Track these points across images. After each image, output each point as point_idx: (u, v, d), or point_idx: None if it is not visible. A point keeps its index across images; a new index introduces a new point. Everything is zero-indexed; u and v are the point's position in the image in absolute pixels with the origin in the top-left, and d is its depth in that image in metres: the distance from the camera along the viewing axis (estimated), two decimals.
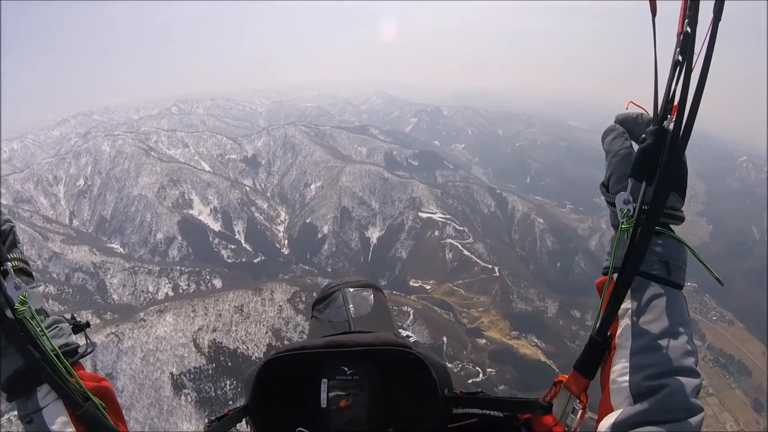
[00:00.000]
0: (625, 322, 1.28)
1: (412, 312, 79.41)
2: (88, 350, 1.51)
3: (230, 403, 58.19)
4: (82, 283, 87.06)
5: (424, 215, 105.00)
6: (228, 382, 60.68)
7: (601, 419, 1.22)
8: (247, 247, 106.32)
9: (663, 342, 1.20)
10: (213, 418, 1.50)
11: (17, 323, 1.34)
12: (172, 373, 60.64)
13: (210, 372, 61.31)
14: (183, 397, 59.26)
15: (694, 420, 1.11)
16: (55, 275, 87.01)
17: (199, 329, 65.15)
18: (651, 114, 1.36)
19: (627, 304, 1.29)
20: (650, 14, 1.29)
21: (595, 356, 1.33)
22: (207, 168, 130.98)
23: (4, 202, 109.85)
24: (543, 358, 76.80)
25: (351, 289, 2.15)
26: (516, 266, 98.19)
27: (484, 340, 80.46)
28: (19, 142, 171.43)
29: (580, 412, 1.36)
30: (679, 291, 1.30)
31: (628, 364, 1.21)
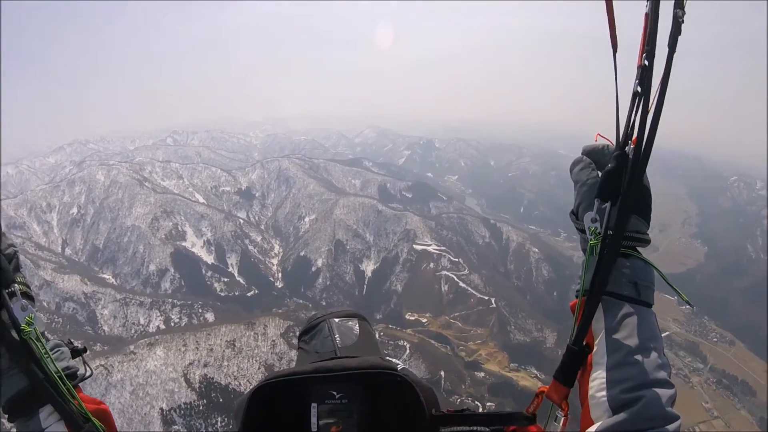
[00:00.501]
0: (600, 340, 1.36)
1: (408, 346, 78.19)
2: (87, 375, 1.59)
3: None
4: (73, 313, 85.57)
5: (418, 247, 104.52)
6: (219, 418, 58.86)
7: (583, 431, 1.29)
8: (241, 280, 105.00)
9: (636, 357, 1.27)
10: None
11: (22, 344, 1.38)
12: (161, 409, 58.99)
13: (201, 408, 59.58)
14: None
15: (671, 427, 1.17)
16: (45, 304, 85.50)
17: (190, 364, 63.70)
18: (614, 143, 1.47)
19: (601, 324, 1.38)
20: (611, 49, 1.39)
21: (573, 365, 1.44)
22: (201, 200, 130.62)
23: None
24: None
25: (336, 320, 2.16)
26: (512, 297, 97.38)
27: (482, 373, 78.96)
28: (14, 168, 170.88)
29: (562, 419, 1.45)
30: (649, 309, 1.38)
31: (605, 379, 1.28)
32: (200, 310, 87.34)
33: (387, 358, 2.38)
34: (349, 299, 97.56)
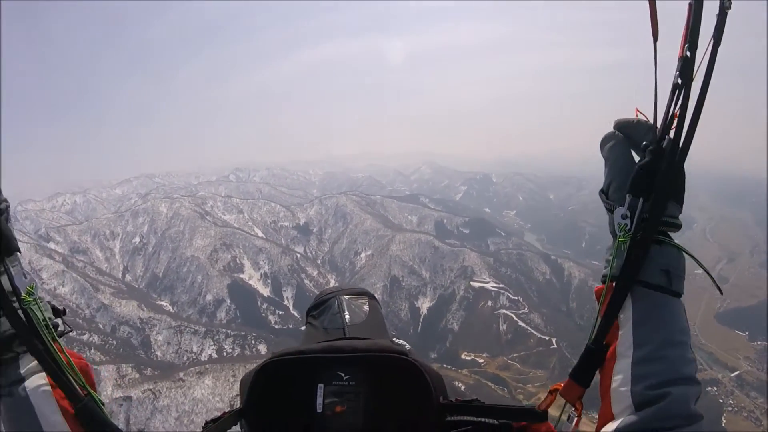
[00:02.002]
0: (626, 331, 1.29)
1: (463, 387, 75.56)
2: (67, 330, 1.52)
3: None
4: (127, 337, 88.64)
5: (476, 284, 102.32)
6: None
7: (601, 426, 1.24)
8: (295, 314, 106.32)
9: (665, 352, 1.21)
10: (209, 420, 1.49)
11: (24, 313, 1.37)
12: None
13: None
14: None
15: (694, 428, 1.13)
16: (101, 326, 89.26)
17: (237, 395, 64.00)
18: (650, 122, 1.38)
19: (628, 313, 1.31)
20: (652, 39, 1.32)
21: (591, 365, 1.37)
22: (260, 234, 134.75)
23: (60, 250, 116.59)
24: None
25: (346, 297, 2.16)
26: (575, 337, 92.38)
27: None
28: (82, 197, 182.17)
29: (575, 419, 1.40)
30: (679, 299, 1.31)
31: (629, 374, 1.22)
32: (253, 342, 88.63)
33: (397, 341, 2.32)
34: (404, 337, 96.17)
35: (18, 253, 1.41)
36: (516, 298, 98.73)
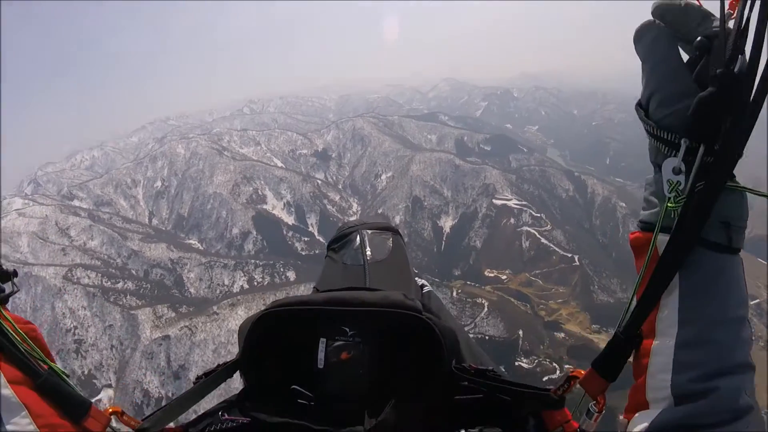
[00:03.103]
0: (670, 302, 1.02)
1: (486, 304, 77.22)
2: (14, 291, 1.25)
3: None
4: (160, 279, 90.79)
5: (498, 202, 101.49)
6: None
7: (632, 409, 1.06)
8: (321, 239, 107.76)
9: (715, 333, 0.96)
10: (201, 374, 1.42)
11: None
12: None
13: None
14: None
15: (740, 424, 0.91)
16: (134, 272, 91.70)
17: None
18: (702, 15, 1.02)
19: (674, 279, 1.03)
20: None
21: (618, 356, 1.14)
22: (279, 164, 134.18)
23: (85, 206, 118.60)
24: None
25: (369, 231, 2.09)
26: (597, 254, 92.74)
27: (562, 334, 76.51)
28: (100, 150, 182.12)
29: (595, 415, 1.17)
30: (737, 257, 1.02)
31: (671, 359, 0.99)
32: (282, 270, 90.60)
33: (419, 280, 2.15)
34: (428, 256, 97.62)
35: None
36: (538, 215, 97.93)
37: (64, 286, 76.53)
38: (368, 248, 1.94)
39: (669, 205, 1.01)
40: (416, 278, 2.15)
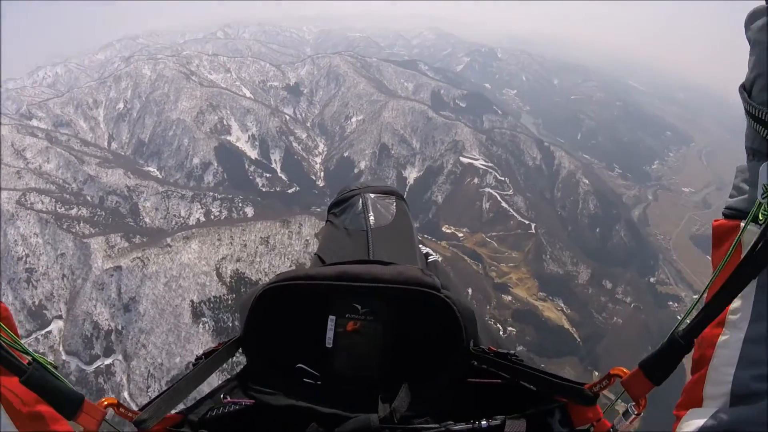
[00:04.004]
0: (745, 293, 0.93)
1: (440, 258, 77.27)
2: None
3: None
4: (116, 206, 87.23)
5: (465, 160, 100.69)
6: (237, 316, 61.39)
7: (685, 406, 1.00)
8: (283, 177, 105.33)
9: None
10: (200, 354, 1.34)
11: None
12: (192, 301, 61.65)
13: (230, 302, 61.72)
14: (201, 326, 60.62)
15: None
16: (89, 198, 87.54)
17: (223, 258, 65.42)
18: None
19: None
20: None
21: (671, 360, 1.05)
22: (248, 94, 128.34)
23: (43, 126, 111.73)
24: (566, 325, 74.59)
25: (372, 195, 2.06)
26: (554, 225, 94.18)
27: (509, 297, 78.46)
28: (63, 67, 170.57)
29: (632, 416, 1.10)
30: None
31: (738, 352, 0.91)
32: (240, 205, 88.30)
33: (423, 248, 2.08)
34: None
35: None
36: (503, 178, 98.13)
37: (17, 211, 72.34)
38: (371, 213, 1.89)
39: (764, 211, 0.91)
40: (420, 245, 2.07)
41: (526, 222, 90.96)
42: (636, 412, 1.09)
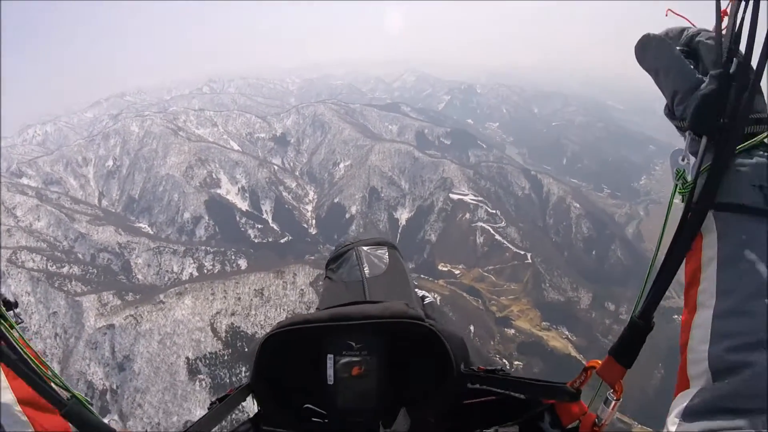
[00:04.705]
0: (709, 274, 1.00)
1: (439, 298, 76.99)
2: (19, 321, 1.31)
3: None
4: (107, 263, 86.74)
5: (455, 197, 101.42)
6: (244, 368, 59.40)
7: (678, 388, 1.03)
8: (275, 227, 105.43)
9: (753, 303, 0.91)
10: (214, 399, 1.41)
11: None
12: (187, 358, 60.70)
13: (226, 357, 60.92)
14: (198, 383, 59.36)
15: None
16: (80, 255, 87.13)
17: (218, 313, 64.76)
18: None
19: (712, 250, 1.00)
20: None
21: (635, 341, 1.14)
22: (236, 147, 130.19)
23: (33, 184, 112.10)
24: (573, 352, 73.28)
25: (365, 248, 2.13)
26: (550, 253, 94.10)
27: (513, 330, 77.48)
28: (53, 125, 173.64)
29: (613, 402, 1.19)
30: None
31: (709, 329, 0.95)
32: (233, 257, 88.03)
33: (419, 292, 2.22)
34: None
35: None
36: (494, 211, 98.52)
37: (8, 269, 71.69)
38: (365, 264, 1.99)
39: (680, 190, 1.05)
40: (416, 290, 2.18)
41: (522, 252, 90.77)
42: (615, 398, 1.17)
